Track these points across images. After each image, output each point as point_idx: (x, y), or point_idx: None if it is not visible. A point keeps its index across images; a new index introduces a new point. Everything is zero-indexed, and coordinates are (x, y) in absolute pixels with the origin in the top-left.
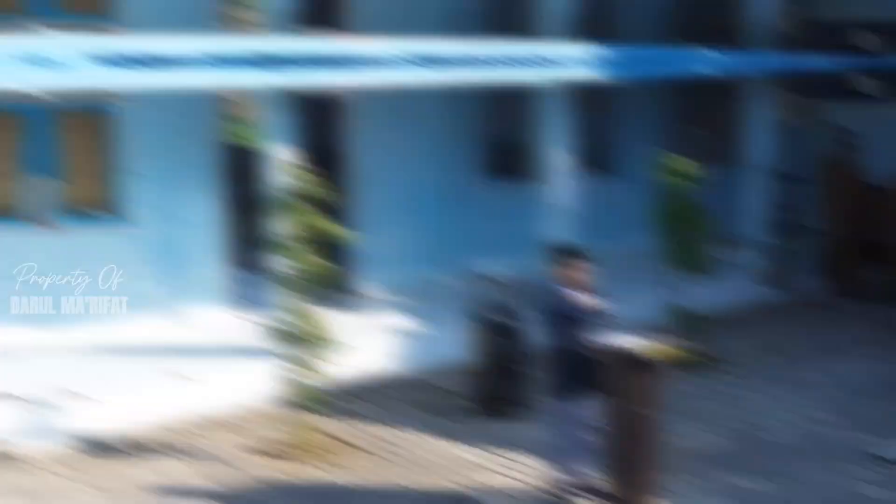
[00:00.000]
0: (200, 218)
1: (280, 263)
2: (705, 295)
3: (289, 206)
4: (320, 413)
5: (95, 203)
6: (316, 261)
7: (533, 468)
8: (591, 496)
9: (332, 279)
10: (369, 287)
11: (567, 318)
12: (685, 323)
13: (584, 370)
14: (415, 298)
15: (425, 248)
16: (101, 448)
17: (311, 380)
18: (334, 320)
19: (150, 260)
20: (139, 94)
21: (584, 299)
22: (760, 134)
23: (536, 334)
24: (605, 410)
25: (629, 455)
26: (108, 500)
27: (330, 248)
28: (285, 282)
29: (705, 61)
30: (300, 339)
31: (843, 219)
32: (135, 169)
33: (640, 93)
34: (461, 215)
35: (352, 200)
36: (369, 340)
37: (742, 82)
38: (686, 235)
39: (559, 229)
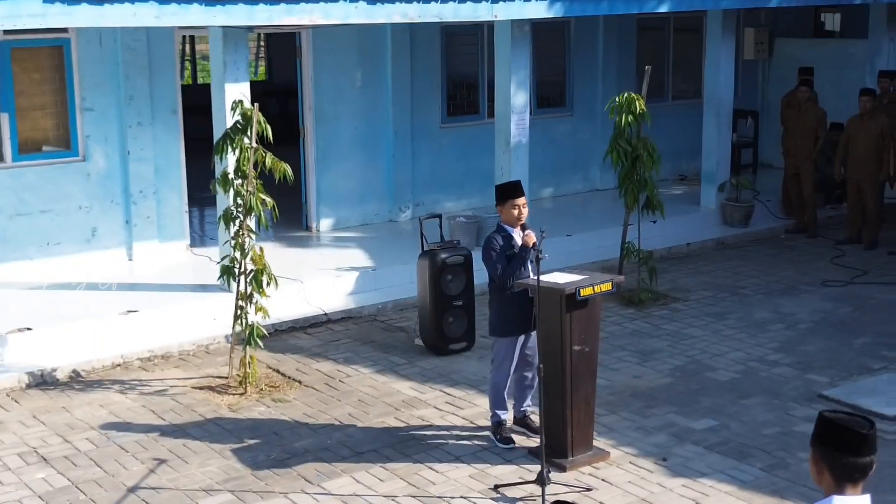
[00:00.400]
0: (156, 153)
1: (225, 199)
2: (662, 232)
3: (232, 141)
4: (264, 348)
5: (49, 138)
6: (258, 197)
7: (474, 405)
8: (528, 432)
9: (275, 215)
10: (326, 224)
11: (503, 255)
12: (636, 260)
13: (519, 307)
14: (371, 236)
15: (382, 187)
16: (49, 382)
17: (254, 315)
18: (288, 257)
19: (106, 196)
20: (91, 29)
21: (521, 236)
22: (721, 70)
23: (479, 271)
24: (541, 347)
25: (562, 392)
26: (47, 432)
27: (281, 185)
28: (228, 217)
29: None
30: (243, 275)
31: (800, 155)
32: (88, 104)
33: (600, 29)
34: (418, 153)
35: (309, 138)
36: (324, 278)
37: (703, 17)
38: (635, 173)
39: (515, 168)
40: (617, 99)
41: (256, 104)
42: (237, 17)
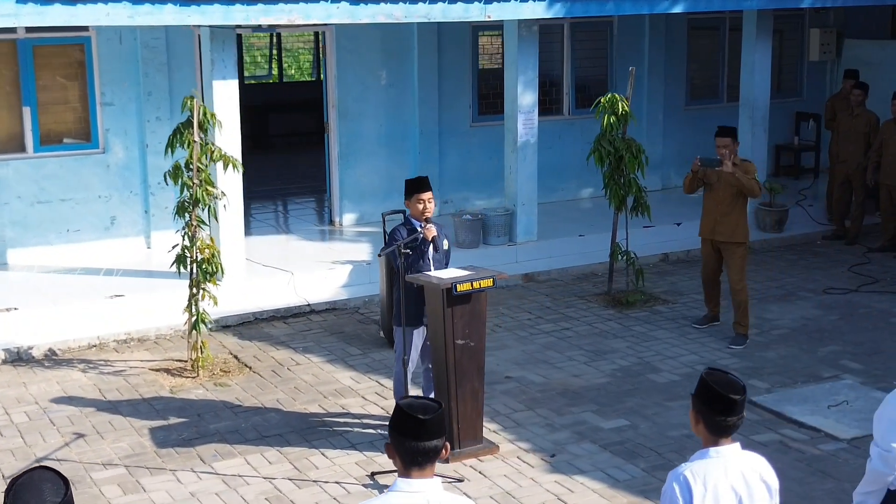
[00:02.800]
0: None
1: (180, 190)
2: (683, 234)
3: (181, 136)
4: (211, 334)
5: (70, 131)
6: (205, 188)
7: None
8: None
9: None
10: (349, 219)
11: (407, 250)
12: (625, 263)
13: (415, 300)
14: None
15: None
16: (24, 359)
17: (206, 302)
18: (299, 249)
19: (125, 186)
20: (111, 28)
21: (425, 231)
22: (756, 71)
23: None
24: (430, 341)
25: (447, 385)
26: None
27: (309, 181)
28: (182, 209)
29: None
30: (195, 264)
31: (851, 161)
32: (108, 99)
33: (646, 29)
34: (447, 152)
35: (332, 135)
36: (318, 270)
37: (740, 16)
38: (620, 174)
39: (521, 168)
40: (601, 100)
41: (195, 98)
42: (212, 17)
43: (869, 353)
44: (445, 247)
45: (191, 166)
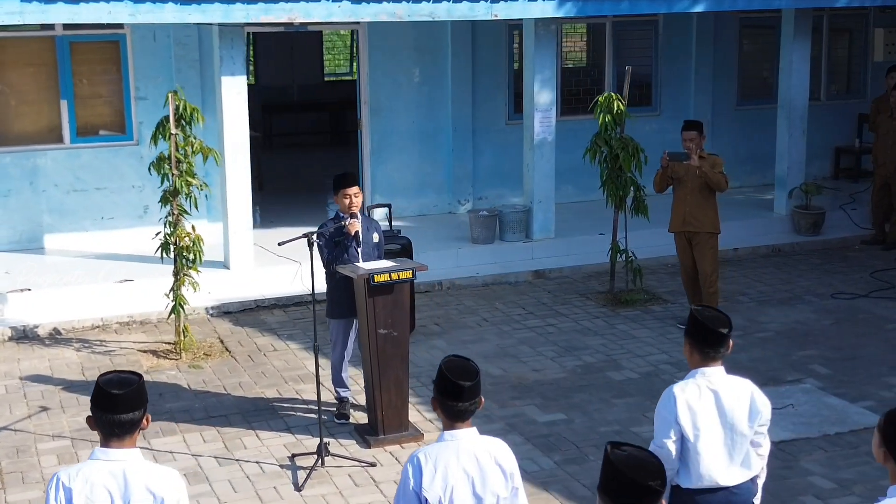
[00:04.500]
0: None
1: (161, 181)
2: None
3: (164, 129)
4: (188, 318)
5: (106, 123)
6: (185, 179)
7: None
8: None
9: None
10: (379, 213)
11: (334, 242)
12: (625, 264)
13: (345, 291)
14: (417, 226)
15: (440, 179)
16: (30, 336)
17: (187, 288)
18: None
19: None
20: (144, 25)
21: (348, 225)
22: (794, 72)
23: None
24: (360, 331)
25: (371, 374)
26: None
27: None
28: (166, 198)
29: None
30: (177, 251)
31: (889, 165)
32: (142, 94)
33: (693, 27)
34: (481, 149)
35: (365, 131)
36: None
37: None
38: (620, 173)
39: (539, 166)
40: (599, 99)
41: (173, 93)
42: (212, 15)
43: (844, 358)
44: (376, 240)
45: (167, 158)
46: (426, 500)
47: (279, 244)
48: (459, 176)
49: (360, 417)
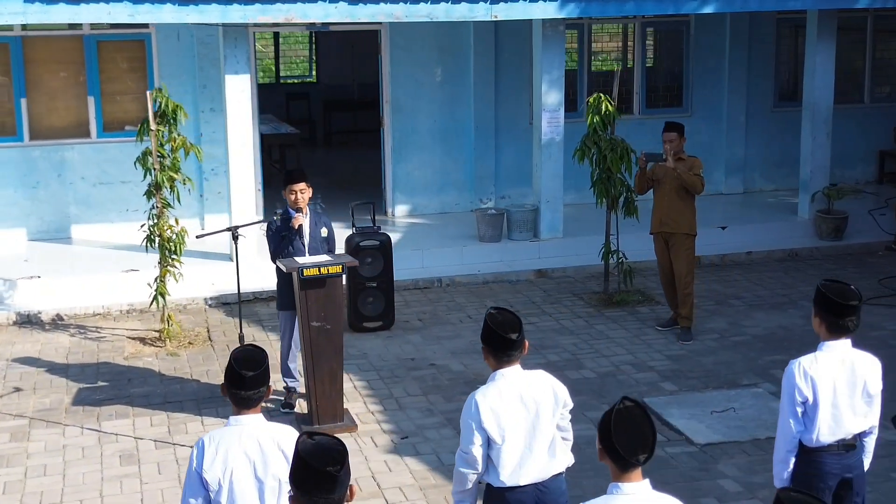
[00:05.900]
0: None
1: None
2: (728, 238)
3: (148, 125)
4: (167, 306)
5: (131, 119)
6: (166, 173)
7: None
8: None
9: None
10: (401, 210)
11: (280, 236)
12: (618, 265)
13: (291, 284)
14: (435, 223)
15: (462, 178)
16: (33, 322)
17: (169, 279)
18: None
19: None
20: (169, 25)
21: (295, 219)
22: (818, 74)
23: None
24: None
25: (305, 365)
26: None
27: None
28: (147, 192)
29: None
30: (160, 244)
31: None
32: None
33: (727, 28)
34: (504, 148)
35: (387, 129)
36: None
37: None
38: (610, 174)
39: (546, 166)
40: (589, 100)
41: (152, 91)
42: (210, 15)
43: None
44: (324, 234)
45: (150, 154)
46: (206, 480)
47: (197, 237)
48: (482, 175)
49: (306, 407)
